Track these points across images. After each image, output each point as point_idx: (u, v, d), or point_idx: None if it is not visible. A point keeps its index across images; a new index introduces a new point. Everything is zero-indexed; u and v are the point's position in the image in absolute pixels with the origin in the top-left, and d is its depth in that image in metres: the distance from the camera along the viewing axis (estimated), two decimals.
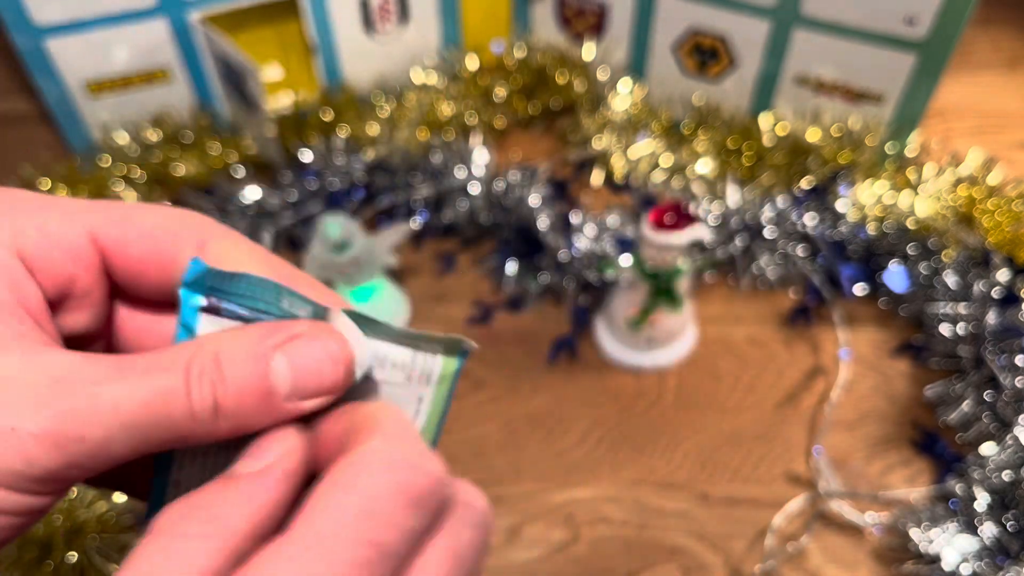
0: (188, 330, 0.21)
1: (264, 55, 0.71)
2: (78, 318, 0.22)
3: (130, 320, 0.24)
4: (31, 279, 0.20)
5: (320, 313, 0.21)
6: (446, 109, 0.71)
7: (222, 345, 0.19)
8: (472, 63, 0.74)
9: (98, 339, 0.23)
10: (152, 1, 0.64)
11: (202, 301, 0.21)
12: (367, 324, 0.21)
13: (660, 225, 0.53)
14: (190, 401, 0.18)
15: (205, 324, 0.21)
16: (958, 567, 0.47)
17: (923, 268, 0.60)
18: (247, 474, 0.19)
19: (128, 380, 0.18)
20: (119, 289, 0.23)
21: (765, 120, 0.69)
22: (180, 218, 0.22)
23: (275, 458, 0.19)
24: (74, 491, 0.49)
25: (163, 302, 0.23)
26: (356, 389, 0.22)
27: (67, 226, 0.21)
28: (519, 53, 0.75)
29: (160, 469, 0.22)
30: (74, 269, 0.21)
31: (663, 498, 0.53)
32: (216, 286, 0.21)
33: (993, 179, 0.63)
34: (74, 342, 0.22)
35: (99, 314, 0.22)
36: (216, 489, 0.18)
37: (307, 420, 0.21)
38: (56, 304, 0.21)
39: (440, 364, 0.23)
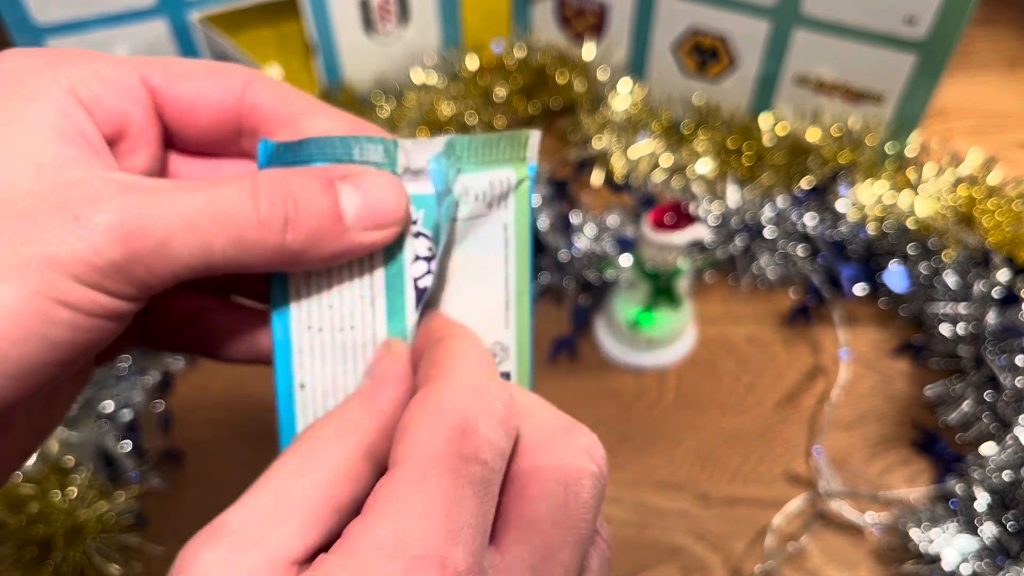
0: None
1: (264, 55, 0.71)
2: (135, 160, 0.22)
3: (184, 168, 0.24)
4: (87, 116, 0.21)
5: (390, 148, 0.22)
6: (446, 109, 0.71)
7: (290, 171, 0.20)
8: (472, 63, 0.74)
9: None
10: (152, 1, 0.64)
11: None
12: (442, 145, 0.22)
13: (660, 225, 0.53)
14: (257, 209, 0.19)
15: None
16: (958, 567, 0.47)
17: (923, 268, 0.60)
18: (367, 385, 0.22)
19: (192, 188, 0.19)
20: (172, 134, 0.23)
21: (765, 120, 0.69)
22: (223, 65, 0.23)
23: (383, 369, 0.22)
24: (74, 491, 0.49)
25: (214, 151, 0.24)
26: (449, 236, 0.23)
27: (118, 69, 0.21)
28: (519, 53, 0.75)
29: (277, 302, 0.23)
30: (127, 106, 0.21)
31: (663, 498, 0.53)
32: (291, 159, 0.22)
33: (993, 179, 0.63)
34: None
35: (154, 157, 0.23)
36: (345, 402, 0.21)
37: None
38: (112, 144, 0.22)
39: (513, 179, 0.23)
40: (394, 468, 0.19)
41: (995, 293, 0.56)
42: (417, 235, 0.23)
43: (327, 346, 0.23)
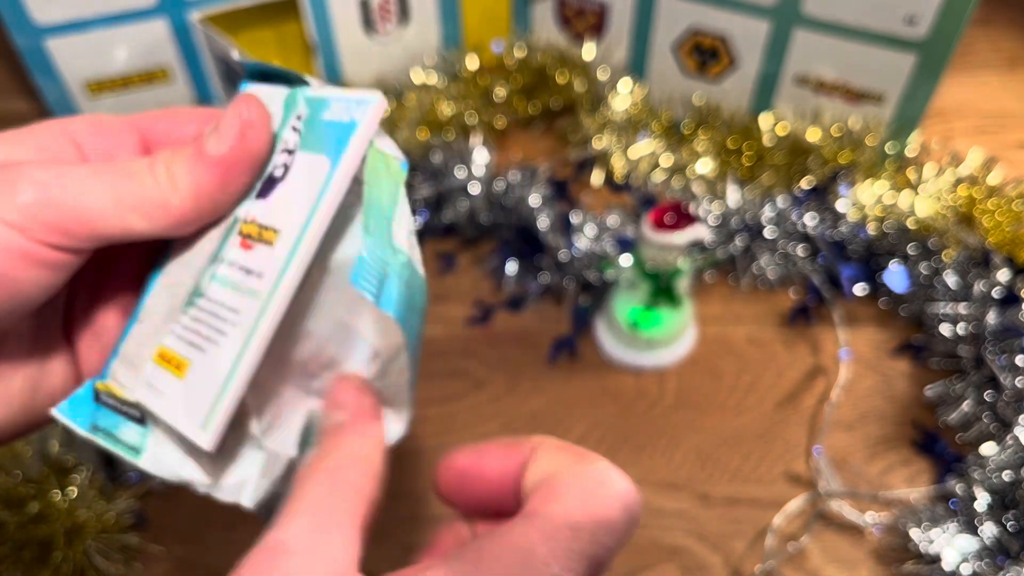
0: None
1: (264, 55, 0.71)
2: None
3: None
4: (76, 153, 0.26)
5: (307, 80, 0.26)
6: (446, 109, 0.71)
7: (181, 145, 0.25)
8: (472, 63, 0.74)
9: None
10: (152, 1, 0.64)
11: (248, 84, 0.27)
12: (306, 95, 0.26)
13: (660, 225, 0.53)
14: (152, 170, 0.24)
15: (246, 89, 0.27)
16: (958, 567, 0.47)
17: (923, 268, 0.60)
18: (353, 423, 0.24)
19: (116, 163, 0.25)
20: None
21: (765, 120, 0.69)
22: (193, 108, 0.29)
23: (355, 403, 0.24)
24: (74, 491, 0.49)
25: None
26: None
27: (113, 119, 0.27)
28: (519, 53, 0.75)
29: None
30: (116, 146, 0.27)
31: (663, 498, 0.53)
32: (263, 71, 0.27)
33: (993, 179, 0.63)
34: None
35: None
36: (343, 436, 0.24)
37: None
38: None
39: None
40: (534, 518, 0.22)
41: (995, 293, 0.56)
42: (294, 129, 0.25)
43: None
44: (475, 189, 0.65)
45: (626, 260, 0.58)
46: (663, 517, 0.52)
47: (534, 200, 0.63)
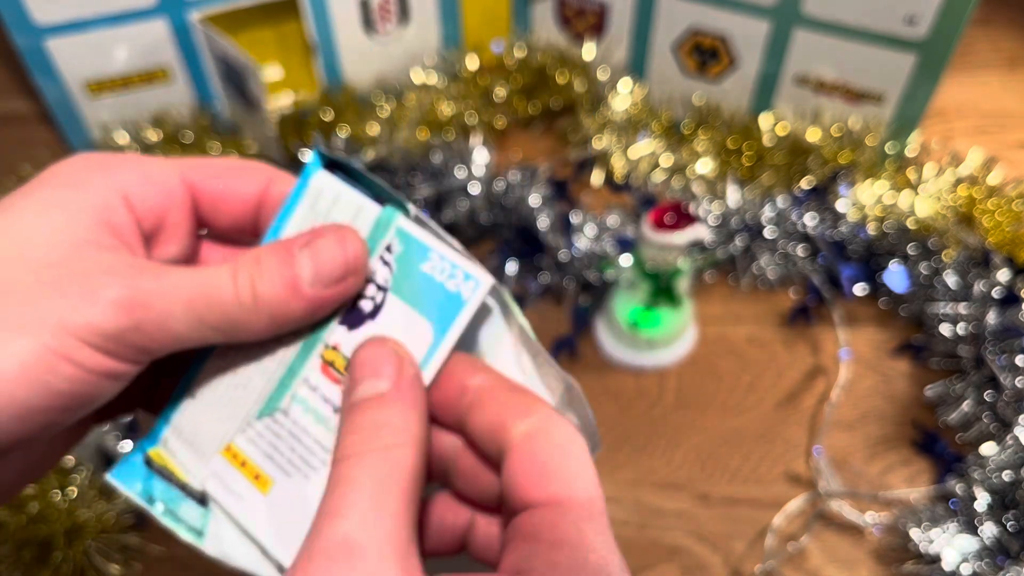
0: (304, 179, 0.26)
1: (264, 55, 0.71)
2: (169, 248, 0.26)
3: (212, 255, 0.28)
4: (128, 213, 0.24)
5: (401, 202, 0.25)
6: (446, 109, 0.71)
7: (262, 250, 0.24)
8: (472, 63, 0.74)
9: None
10: (152, 1, 0.64)
11: (320, 167, 0.26)
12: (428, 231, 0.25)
13: (660, 225, 0.53)
14: (236, 287, 0.23)
15: (320, 176, 0.26)
16: (958, 567, 0.47)
17: (923, 268, 0.60)
18: (383, 395, 0.23)
19: (188, 271, 0.23)
20: (206, 224, 0.27)
21: (765, 120, 0.69)
22: (250, 163, 0.28)
23: (405, 372, 0.23)
24: (74, 491, 0.49)
25: (242, 239, 0.28)
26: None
27: (163, 170, 0.26)
28: (519, 53, 0.75)
29: (183, 382, 0.26)
30: (167, 204, 0.26)
31: (663, 498, 0.53)
32: (336, 161, 0.26)
33: (993, 179, 0.63)
34: None
35: (187, 246, 0.27)
36: (384, 407, 0.23)
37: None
38: (152, 235, 0.26)
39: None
40: (557, 509, 0.22)
41: (995, 293, 0.56)
42: (384, 262, 0.25)
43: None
44: (475, 189, 0.65)
45: (626, 260, 0.58)
46: (663, 517, 0.52)
47: (534, 200, 0.63)
